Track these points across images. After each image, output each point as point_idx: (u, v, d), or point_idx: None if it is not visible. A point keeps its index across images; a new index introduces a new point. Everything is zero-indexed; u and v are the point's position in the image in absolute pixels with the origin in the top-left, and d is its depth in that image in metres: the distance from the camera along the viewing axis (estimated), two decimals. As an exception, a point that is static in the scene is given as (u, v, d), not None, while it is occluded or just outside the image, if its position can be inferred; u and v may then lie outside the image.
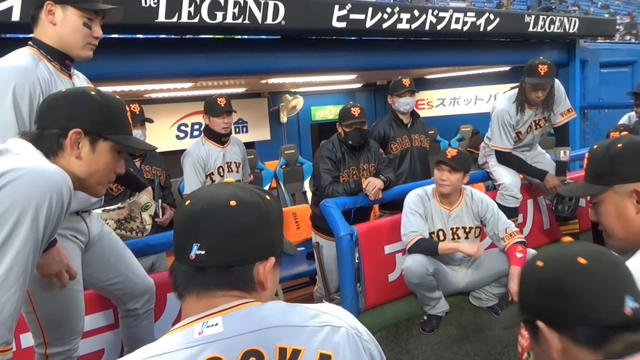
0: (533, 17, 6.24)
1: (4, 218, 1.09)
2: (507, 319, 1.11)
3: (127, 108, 2.47)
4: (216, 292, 0.90)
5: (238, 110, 7.78)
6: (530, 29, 6.20)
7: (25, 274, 1.13)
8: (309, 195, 5.92)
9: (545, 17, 6.41)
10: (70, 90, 1.42)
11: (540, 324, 0.93)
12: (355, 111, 3.37)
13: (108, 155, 1.42)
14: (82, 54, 1.83)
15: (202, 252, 0.89)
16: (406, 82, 3.77)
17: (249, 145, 7.61)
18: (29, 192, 1.12)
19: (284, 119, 8.11)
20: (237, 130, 7.83)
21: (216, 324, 0.86)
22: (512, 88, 3.68)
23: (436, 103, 9.16)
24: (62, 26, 1.76)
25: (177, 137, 7.48)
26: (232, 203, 0.91)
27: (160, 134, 7.00)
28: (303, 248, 4.40)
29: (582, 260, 0.91)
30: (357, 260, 3.15)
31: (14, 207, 1.09)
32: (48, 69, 1.72)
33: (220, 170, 3.48)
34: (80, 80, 1.92)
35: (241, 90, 6.98)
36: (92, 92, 1.40)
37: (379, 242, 3.22)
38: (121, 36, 4.14)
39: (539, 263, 0.96)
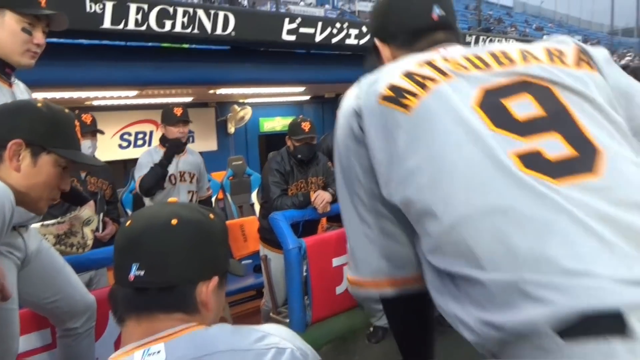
0: (474, 37, 6.55)
1: None
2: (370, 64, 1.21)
3: (77, 120, 2.41)
4: (157, 315, 0.88)
5: (185, 120, 7.69)
6: (472, 49, 6.49)
7: None
8: (257, 207, 5.89)
9: (485, 37, 6.75)
10: (15, 101, 1.35)
11: (376, 40, 1.19)
12: (306, 126, 3.40)
13: (50, 170, 1.35)
14: (22, 61, 1.75)
15: (141, 273, 0.87)
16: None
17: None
18: None
19: (231, 129, 8.03)
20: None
21: (158, 352, 0.83)
22: None
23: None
24: (0, 31, 1.69)
25: (120, 146, 7.23)
26: (173, 221, 0.90)
27: (102, 143, 6.74)
28: (250, 261, 4.36)
29: None
30: (304, 273, 3.16)
31: None
32: None
33: (172, 178, 3.42)
34: (20, 89, 1.84)
35: (188, 99, 6.86)
36: (38, 104, 1.34)
37: (327, 255, 3.25)
38: (64, 41, 3.99)
39: None
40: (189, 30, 3.99)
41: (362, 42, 5.25)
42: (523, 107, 0.89)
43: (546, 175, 0.80)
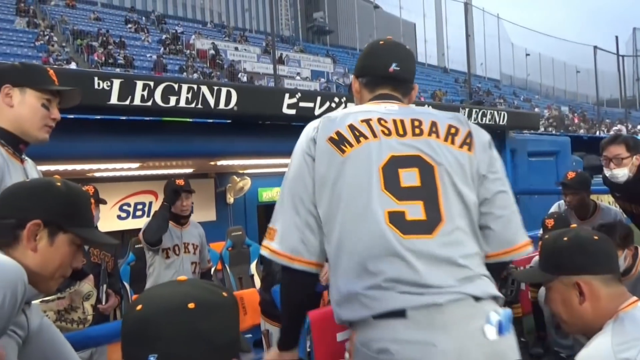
0: (467, 109, 6.77)
1: None
2: None
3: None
4: None
5: (183, 191, 7.75)
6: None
7: None
8: (257, 278, 5.80)
9: (477, 110, 6.97)
10: (33, 180, 1.37)
11: (352, 74, 1.62)
12: None
13: (66, 249, 1.35)
14: (39, 136, 1.80)
15: None
16: None
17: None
18: None
19: (230, 199, 8.06)
20: (182, 210, 7.69)
21: None
22: None
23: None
24: (20, 107, 1.74)
25: (119, 216, 7.22)
26: (191, 306, 0.87)
27: (101, 214, 6.74)
28: (250, 335, 4.22)
29: None
30: (308, 349, 3.05)
31: None
32: (1, 154, 1.67)
33: (176, 248, 3.43)
34: (29, 165, 1.87)
35: (189, 170, 6.94)
36: (57, 183, 1.35)
37: (331, 330, 3.15)
38: (67, 116, 4.09)
39: None
40: (193, 105, 4.11)
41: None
42: (409, 177, 1.37)
43: (400, 230, 1.31)
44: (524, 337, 3.86)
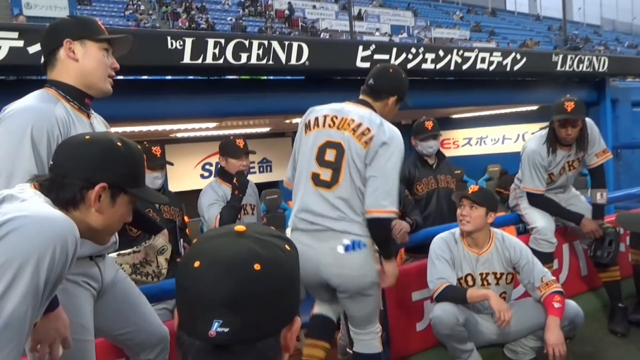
0: (561, 56, 6.15)
1: (2, 270, 1.00)
2: None
3: (147, 153, 2.46)
4: None
5: (262, 150, 7.84)
6: (558, 68, 6.09)
7: (21, 332, 1.03)
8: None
9: (573, 56, 6.31)
10: (95, 140, 1.35)
11: None
12: None
13: (125, 208, 1.39)
14: (104, 88, 1.80)
15: (225, 330, 0.75)
16: (429, 125, 3.69)
17: (273, 184, 7.59)
18: (31, 243, 1.04)
19: (308, 158, 8.09)
20: (262, 169, 7.83)
21: None
22: (541, 128, 3.56)
23: (462, 142, 9.04)
24: (85, 60, 1.74)
25: (202, 176, 7.51)
26: (257, 267, 0.78)
27: (185, 173, 7.04)
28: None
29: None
30: (382, 308, 2.99)
31: (13, 259, 1.01)
32: (66, 109, 1.69)
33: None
34: (98, 121, 1.89)
35: (265, 129, 7.00)
36: (119, 143, 1.35)
37: (406, 289, 3.07)
38: (149, 78, 4.19)
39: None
40: (264, 61, 4.04)
41: (439, 66, 5.09)
42: (330, 155, 2.33)
43: (314, 183, 2.35)
44: (622, 302, 3.53)
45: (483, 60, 5.40)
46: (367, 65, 4.62)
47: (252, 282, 0.77)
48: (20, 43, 3.19)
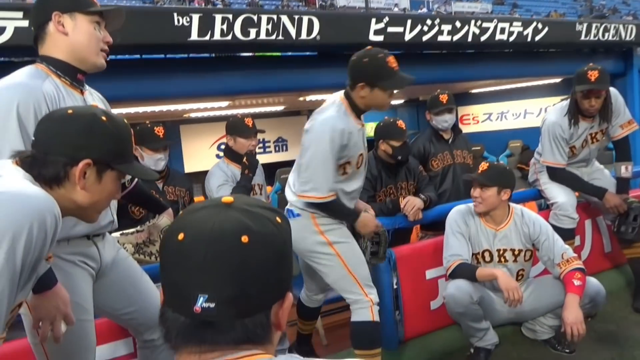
0: (585, 25, 5.88)
1: None
2: None
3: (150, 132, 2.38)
4: (223, 347, 0.74)
5: (277, 129, 7.77)
6: (582, 38, 5.84)
7: None
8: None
9: (598, 24, 6.04)
10: (78, 114, 1.28)
11: None
12: (402, 125, 3.19)
13: (113, 185, 1.33)
14: (97, 62, 1.74)
15: (211, 305, 0.71)
16: (443, 98, 3.55)
17: (289, 163, 7.52)
18: (7, 219, 0.99)
19: (324, 137, 7.99)
20: (277, 148, 7.78)
21: None
22: (562, 99, 3.40)
23: (482, 118, 8.82)
24: (75, 34, 1.67)
25: (217, 156, 7.48)
26: (244, 239, 0.73)
27: (201, 153, 7.04)
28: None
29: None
30: (395, 286, 2.92)
31: None
32: (56, 84, 1.63)
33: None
34: (93, 97, 1.83)
35: (280, 108, 6.92)
36: (103, 118, 1.28)
37: (420, 267, 2.99)
38: (157, 57, 4.14)
39: None
40: (273, 37, 3.94)
41: (455, 38, 4.91)
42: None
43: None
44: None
45: (502, 30, 5.20)
46: (380, 38, 4.48)
47: (239, 256, 0.72)
48: (25, 23, 3.15)
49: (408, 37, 4.64)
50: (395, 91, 2.46)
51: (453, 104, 3.58)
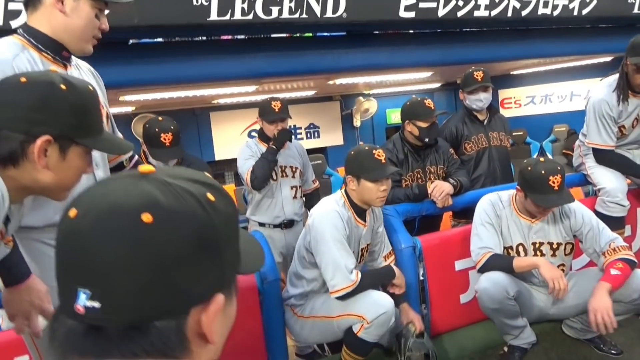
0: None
1: None
2: None
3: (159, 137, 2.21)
4: None
5: (309, 115, 7.59)
6: (636, 10, 5.36)
7: None
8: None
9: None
10: (33, 81, 1.11)
11: None
12: (430, 104, 2.96)
13: (80, 161, 1.18)
14: (85, 48, 1.62)
15: (95, 305, 0.53)
16: (478, 75, 3.27)
17: (320, 150, 7.36)
18: None
19: (357, 122, 7.76)
20: (309, 135, 7.61)
21: None
22: (611, 74, 3.07)
23: (525, 101, 8.35)
24: (74, 16, 1.55)
25: (248, 143, 7.41)
26: (146, 218, 0.54)
27: (231, 140, 6.95)
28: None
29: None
30: (421, 278, 2.71)
31: None
32: (33, 59, 1.50)
33: (273, 174, 3.17)
34: (82, 72, 1.70)
35: (310, 93, 6.73)
36: (62, 86, 1.11)
37: (449, 257, 2.76)
38: (178, 39, 4.03)
39: None
40: (297, 15, 3.76)
41: (494, 13, 4.58)
42: None
43: None
44: None
45: (546, 4, 4.81)
46: (411, 15, 4.22)
47: (135, 239, 0.54)
48: None
49: (442, 12, 4.35)
50: (383, 185, 2.34)
51: (489, 82, 3.30)
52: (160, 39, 3.97)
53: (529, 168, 2.39)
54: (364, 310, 2.25)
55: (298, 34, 4.43)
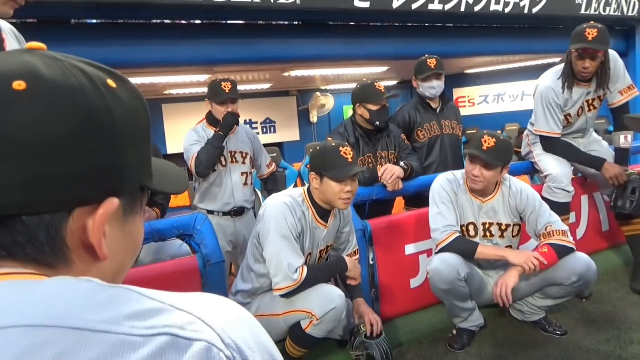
0: (585, -3, 5.59)
1: None
2: None
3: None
4: None
5: (265, 109, 7.49)
6: (582, 11, 5.56)
7: None
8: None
9: (599, -2, 5.75)
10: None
11: None
12: (380, 86, 2.92)
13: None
14: (1, 10, 1.49)
15: None
16: (431, 62, 3.27)
17: (276, 145, 7.27)
18: None
19: (314, 118, 7.72)
20: (265, 130, 7.50)
21: None
22: (558, 64, 3.14)
23: (478, 100, 8.54)
24: None
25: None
26: (17, 85, 0.45)
27: (185, 133, 6.76)
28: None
29: None
30: (371, 262, 2.68)
31: None
32: None
33: (222, 160, 3.06)
34: (1, 32, 1.57)
35: (266, 86, 6.64)
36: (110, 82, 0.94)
37: (399, 241, 2.74)
38: (123, 21, 3.87)
39: None
40: (250, -1, 3.67)
41: (447, 7, 4.63)
42: None
43: None
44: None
45: (497, 1, 4.91)
46: (366, 4, 4.21)
47: (4, 106, 0.45)
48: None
49: (396, 4, 4.36)
50: (347, 186, 2.18)
51: (442, 69, 3.30)
52: (106, 20, 3.80)
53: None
54: (312, 305, 2.13)
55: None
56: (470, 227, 2.57)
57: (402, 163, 2.84)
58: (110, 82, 0.51)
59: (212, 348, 0.44)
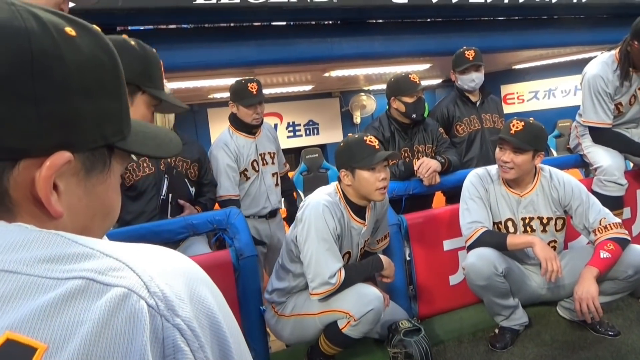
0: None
1: None
2: None
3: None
4: None
5: (308, 112, 7.52)
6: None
7: None
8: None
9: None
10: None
11: None
12: (415, 78, 2.87)
13: (144, 110, 1.29)
14: None
15: None
16: (470, 54, 3.17)
17: (319, 146, 7.28)
18: None
19: (357, 119, 7.67)
20: (308, 132, 7.52)
21: None
22: (606, 51, 2.97)
23: (528, 97, 8.22)
24: None
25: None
26: None
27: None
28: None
29: None
30: (408, 258, 2.61)
31: None
32: None
33: (255, 164, 3.03)
34: None
35: (308, 88, 6.65)
36: (131, 41, 1.27)
37: (436, 236, 2.66)
38: (165, 27, 3.99)
39: None
40: (285, -1, 3.69)
41: (489, 0, 4.49)
42: None
43: None
44: None
45: (543, -10, 4.72)
46: (405, 0, 4.14)
47: None
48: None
49: (436, -1, 4.27)
50: (381, 174, 2.13)
51: (481, 61, 3.20)
52: (150, 27, 3.92)
53: None
54: (349, 306, 2.10)
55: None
56: (509, 224, 2.45)
57: (439, 157, 2.77)
58: (69, 30, 0.50)
59: (132, 295, 0.42)
